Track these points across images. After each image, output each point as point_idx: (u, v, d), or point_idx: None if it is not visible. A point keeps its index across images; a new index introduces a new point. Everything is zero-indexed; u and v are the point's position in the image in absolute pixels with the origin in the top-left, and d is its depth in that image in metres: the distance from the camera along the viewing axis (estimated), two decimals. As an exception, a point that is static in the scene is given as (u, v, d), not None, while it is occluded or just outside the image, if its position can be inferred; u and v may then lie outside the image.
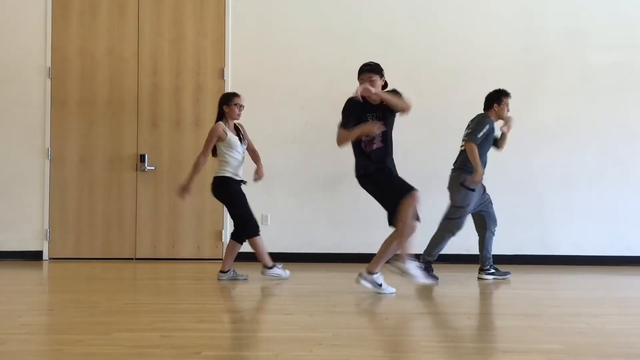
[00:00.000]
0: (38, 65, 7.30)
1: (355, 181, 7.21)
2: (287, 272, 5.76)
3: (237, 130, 5.74)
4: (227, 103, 5.66)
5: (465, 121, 7.14)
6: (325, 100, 7.24)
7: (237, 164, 5.69)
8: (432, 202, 6.16)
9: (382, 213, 7.09)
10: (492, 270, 5.99)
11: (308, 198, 7.27)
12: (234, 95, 5.74)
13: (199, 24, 7.35)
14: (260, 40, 7.30)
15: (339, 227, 7.22)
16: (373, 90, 4.82)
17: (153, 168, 7.27)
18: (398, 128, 7.21)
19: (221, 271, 5.69)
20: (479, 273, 6.01)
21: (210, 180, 7.40)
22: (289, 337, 3.67)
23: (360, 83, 4.96)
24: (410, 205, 4.82)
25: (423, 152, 7.17)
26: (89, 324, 3.87)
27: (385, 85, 5.12)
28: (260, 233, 5.72)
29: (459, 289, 5.53)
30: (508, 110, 5.98)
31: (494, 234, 6.07)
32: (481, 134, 5.78)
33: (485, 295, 5.26)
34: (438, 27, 7.28)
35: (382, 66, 7.22)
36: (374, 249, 7.11)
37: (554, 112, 7.21)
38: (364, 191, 7.19)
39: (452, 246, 6.86)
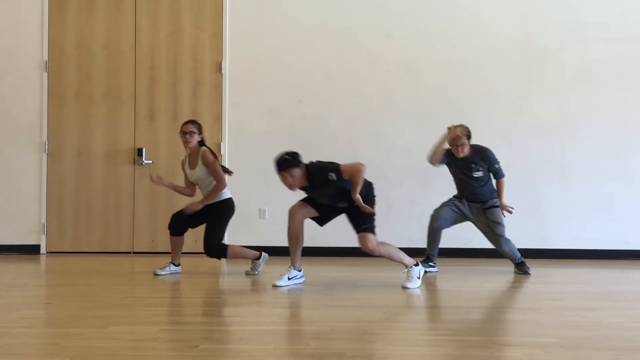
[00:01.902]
0: (35, 58, 7.28)
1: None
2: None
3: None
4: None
5: (463, 115, 7.14)
6: (323, 94, 7.25)
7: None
8: (432, 198, 6.17)
9: (379, 208, 7.09)
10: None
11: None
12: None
13: (197, 18, 7.32)
14: (258, 33, 7.28)
15: (337, 221, 7.19)
16: None
17: (150, 162, 7.26)
18: (396, 122, 7.25)
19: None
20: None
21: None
22: (286, 331, 3.67)
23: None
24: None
25: (422, 147, 7.14)
26: (86, 318, 3.87)
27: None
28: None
29: (457, 282, 5.54)
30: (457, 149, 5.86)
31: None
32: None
33: (483, 289, 5.27)
34: (436, 21, 7.26)
35: (380, 60, 7.26)
36: (372, 243, 7.13)
37: (552, 106, 7.21)
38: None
39: (450, 240, 6.88)
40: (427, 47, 7.23)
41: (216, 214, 5.61)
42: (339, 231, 7.18)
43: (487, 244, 7.03)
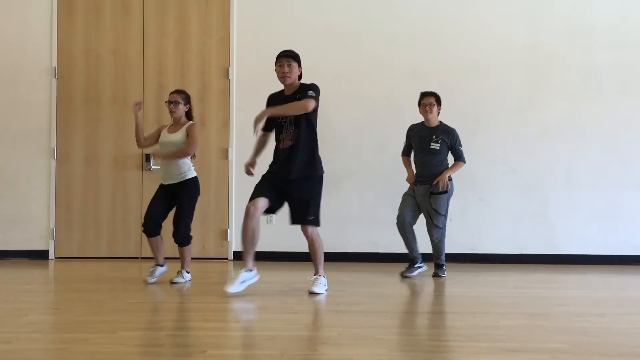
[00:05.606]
0: (44, 64, 7.32)
1: (360, 181, 7.24)
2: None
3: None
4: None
5: (470, 119, 7.14)
6: (329, 99, 7.24)
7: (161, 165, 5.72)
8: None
9: (386, 213, 7.10)
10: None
11: (313, 197, 7.25)
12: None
13: (204, 23, 7.35)
14: (265, 39, 7.29)
15: (344, 226, 7.21)
16: (260, 125, 4.92)
17: (158, 167, 7.26)
18: (402, 127, 7.25)
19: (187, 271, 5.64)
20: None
21: (215, 179, 7.41)
22: (294, 336, 3.67)
23: (278, 66, 5.13)
24: None
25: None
26: (94, 323, 3.88)
27: (300, 76, 5.20)
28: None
29: (464, 288, 5.53)
30: (427, 112, 6.08)
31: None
32: None
33: (490, 295, 5.25)
34: (441, 26, 7.26)
35: (386, 65, 7.27)
36: (379, 248, 7.15)
37: (559, 111, 7.19)
38: (368, 191, 7.21)
39: (458, 245, 6.88)
40: (432, 52, 7.23)
41: (186, 194, 5.53)
42: (345, 237, 7.21)
43: (495, 250, 7.04)
